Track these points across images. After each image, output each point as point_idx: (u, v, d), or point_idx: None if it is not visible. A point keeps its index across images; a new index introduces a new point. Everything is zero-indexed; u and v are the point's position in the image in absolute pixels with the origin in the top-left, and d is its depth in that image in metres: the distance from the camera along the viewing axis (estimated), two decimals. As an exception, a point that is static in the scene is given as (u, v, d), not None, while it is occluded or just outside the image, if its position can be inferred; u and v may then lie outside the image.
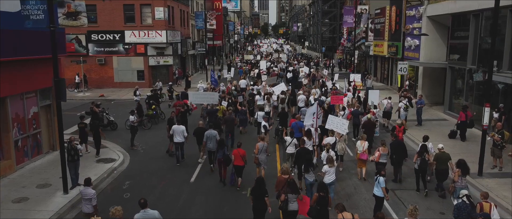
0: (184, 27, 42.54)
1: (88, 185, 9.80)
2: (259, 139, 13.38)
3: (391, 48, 32.60)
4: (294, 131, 15.30)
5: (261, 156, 12.98)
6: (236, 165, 12.65)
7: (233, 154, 12.60)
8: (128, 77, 35.69)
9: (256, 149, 13.01)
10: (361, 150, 13.43)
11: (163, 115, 23.24)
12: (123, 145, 18.33)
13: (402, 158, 13.11)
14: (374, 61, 39.95)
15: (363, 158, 13.45)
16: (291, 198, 9.47)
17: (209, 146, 14.28)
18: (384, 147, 13.03)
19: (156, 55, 35.69)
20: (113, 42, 35.09)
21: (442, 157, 12.04)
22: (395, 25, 31.91)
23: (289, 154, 13.98)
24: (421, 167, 12.26)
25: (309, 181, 11.28)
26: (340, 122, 14.26)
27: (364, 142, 13.49)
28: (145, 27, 34.77)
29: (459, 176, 10.75)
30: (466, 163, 11.01)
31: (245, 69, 43.23)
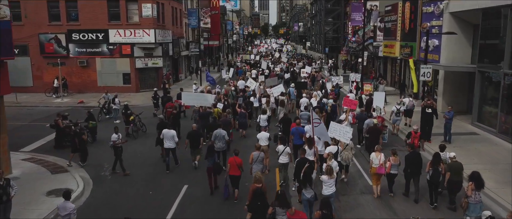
0: (176, 26, 39.20)
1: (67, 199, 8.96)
2: (255, 148, 12.26)
3: (404, 49, 29.25)
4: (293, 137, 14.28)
5: (256, 166, 11.94)
6: (231, 175, 11.69)
7: (229, 162, 11.74)
8: (113, 81, 32.35)
9: (251, 159, 12.02)
10: (377, 163, 11.96)
11: (145, 127, 19.91)
12: (91, 167, 15.04)
13: (418, 172, 11.82)
14: (383, 63, 36.58)
15: (380, 172, 11.99)
16: (279, 212, 8.71)
17: (218, 146, 13.85)
18: (395, 156, 12.01)
19: (144, 57, 32.35)
20: (96, 42, 31.76)
21: (454, 166, 11.03)
22: (410, 23, 28.55)
23: (282, 165, 12.86)
24: (433, 179, 11.21)
25: (306, 197, 10.15)
26: (343, 130, 12.88)
27: (379, 154, 12.06)
28: (132, 25, 31.45)
29: (473, 190, 9.76)
30: (480, 176, 9.94)
31: (245, 69, 40.99)
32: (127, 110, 19.14)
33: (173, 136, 14.23)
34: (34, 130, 20.48)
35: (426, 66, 18.57)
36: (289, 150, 12.83)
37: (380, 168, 11.92)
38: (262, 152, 12.28)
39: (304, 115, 17.57)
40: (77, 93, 31.88)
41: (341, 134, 12.82)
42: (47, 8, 31.51)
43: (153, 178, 13.99)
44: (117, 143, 14.09)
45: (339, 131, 12.91)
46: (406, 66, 30.64)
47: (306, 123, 16.03)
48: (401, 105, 19.59)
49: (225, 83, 31.26)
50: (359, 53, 42.72)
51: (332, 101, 20.68)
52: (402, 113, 19.60)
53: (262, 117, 17.71)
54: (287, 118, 17.35)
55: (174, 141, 14.25)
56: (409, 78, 30.16)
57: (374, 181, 12.39)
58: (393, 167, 12.03)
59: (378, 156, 12.06)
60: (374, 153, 12.22)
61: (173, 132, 14.40)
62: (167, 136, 14.23)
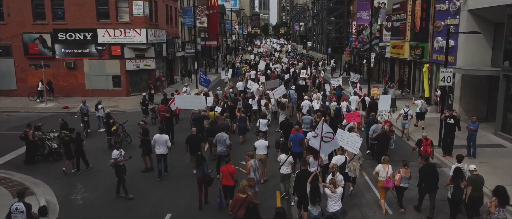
0: (171, 25, 37.10)
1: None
2: (248, 157, 11.30)
3: (415, 49, 27.13)
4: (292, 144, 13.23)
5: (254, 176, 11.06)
6: (224, 185, 10.96)
7: (221, 172, 11.02)
8: (102, 84, 30.25)
9: (247, 169, 11.11)
10: (384, 175, 10.97)
11: (129, 138, 17.82)
12: (62, 189, 12.98)
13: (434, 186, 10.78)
14: (390, 64, 34.45)
15: (388, 186, 10.99)
16: None
17: (219, 150, 13.51)
18: (406, 168, 11.02)
19: (135, 58, 30.24)
20: (84, 43, 29.65)
21: (475, 180, 10.15)
22: (421, 22, 26.44)
23: (284, 176, 11.82)
24: (455, 197, 10.22)
25: (313, 215, 9.47)
26: (352, 138, 11.43)
27: (387, 166, 11.07)
28: (122, 24, 29.34)
29: (496, 207, 8.93)
30: (505, 191, 9.03)
31: (244, 70, 39.42)
32: (109, 119, 17.04)
33: (166, 141, 13.40)
34: (7, 141, 18.33)
35: (446, 69, 16.41)
36: (292, 160, 11.91)
37: (388, 182, 10.95)
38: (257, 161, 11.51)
39: (306, 119, 16.63)
40: (64, 97, 29.82)
41: (349, 143, 11.48)
42: (32, 6, 29.44)
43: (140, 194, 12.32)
44: (119, 161, 11.99)
45: (346, 139, 11.57)
46: (416, 68, 28.59)
47: (308, 128, 15.36)
48: (409, 108, 18.54)
49: (225, 84, 29.51)
50: (363, 54, 40.71)
51: (335, 104, 19.80)
52: (410, 117, 18.51)
53: (262, 121, 16.73)
54: (288, 122, 16.29)
55: (167, 146, 13.43)
56: (419, 81, 28.10)
57: (382, 195, 11.38)
58: (404, 180, 11.02)
59: (386, 168, 11.06)
60: (381, 165, 11.19)
61: (166, 137, 13.52)
62: (159, 142, 13.35)
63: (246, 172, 11.20)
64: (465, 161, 14.24)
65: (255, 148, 12.98)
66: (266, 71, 38.63)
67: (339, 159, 11.48)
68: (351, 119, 16.73)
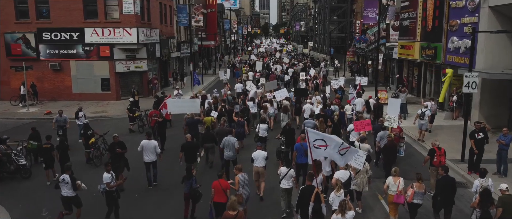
0: (165, 25, 35.08)
1: None
2: (237, 170, 10.33)
3: (426, 50, 25.11)
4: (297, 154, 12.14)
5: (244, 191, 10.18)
6: (216, 202, 9.85)
7: (213, 187, 9.87)
8: (90, 87, 28.24)
9: (237, 184, 10.16)
10: (394, 189, 10.06)
11: (111, 151, 15.79)
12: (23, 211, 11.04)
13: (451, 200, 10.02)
14: (398, 66, 32.41)
15: (399, 201, 10.04)
16: None
17: (227, 155, 12.87)
18: (420, 183, 9.99)
19: (125, 59, 28.23)
20: (70, 43, 27.63)
21: (508, 202, 9.12)
22: (433, 20, 24.42)
23: (285, 190, 10.77)
24: None
25: None
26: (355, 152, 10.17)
27: (398, 179, 10.10)
28: (111, 23, 27.33)
29: None
30: None
31: (244, 70, 38.02)
32: (88, 130, 15.03)
33: (155, 147, 12.47)
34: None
35: (471, 74, 14.38)
36: (294, 173, 10.78)
37: (399, 197, 9.97)
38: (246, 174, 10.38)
39: (308, 123, 15.57)
40: (49, 101, 27.83)
41: (353, 157, 10.15)
42: (14, 4, 27.44)
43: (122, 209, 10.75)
44: (112, 185, 10.10)
45: (349, 153, 10.04)
46: (427, 70, 26.56)
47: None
48: (428, 108, 17.71)
49: (223, 85, 27.79)
50: (368, 55, 38.71)
51: (338, 108, 18.77)
52: (428, 117, 17.66)
53: (261, 126, 15.56)
54: (289, 128, 14.97)
55: (156, 153, 12.52)
56: (431, 84, 26.08)
57: (392, 211, 10.34)
58: (417, 195, 9.91)
59: (397, 181, 10.03)
60: (392, 178, 10.12)
61: (155, 143, 12.56)
62: (147, 148, 12.40)
63: (235, 187, 10.14)
64: (495, 179, 12.45)
65: (253, 159, 11.73)
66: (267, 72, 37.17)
67: (342, 175, 10.24)
68: (360, 128, 14.98)
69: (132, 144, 15.86)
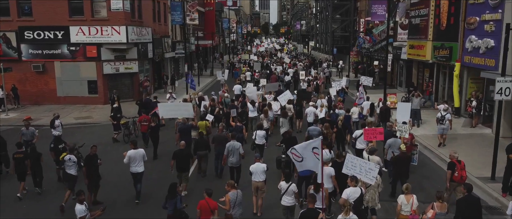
0: (159, 23, 33.08)
1: None
2: (228, 187, 9.34)
3: (440, 50, 23.08)
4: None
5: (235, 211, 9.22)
6: None
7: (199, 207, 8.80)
8: (76, 90, 26.22)
9: (227, 203, 9.09)
10: (408, 210, 8.92)
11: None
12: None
13: None
14: (406, 67, 30.40)
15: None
16: None
17: (231, 161, 12.23)
18: (441, 202, 8.72)
19: (114, 60, 26.21)
20: (55, 42, 25.60)
21: None
22: (448, 17, 22.40)
23: (286, 208, 9.86)
24: None
25: None
26: (366, 165, 9.25)
27: (411, 197, 9.00)
28: (98, 21, 25.32)
29: None
30: None
31: (245, 70, 36.55)
32: (59, 144, 13.00)
33: (143, 156, 11.51)
34: None
35: (504, 79, 12.33)
36: (295, 188, 9.79)
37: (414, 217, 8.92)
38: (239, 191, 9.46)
39: (313, 130, 14.33)
40: (32, 105, 25.84)
41: (363, 171, 9.24)
42: (-6, 0, 25.47)
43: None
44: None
45: (359, 167, 9.30)
46: (440, 72, 24.54)
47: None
48: (447, 111, 16.55)
49: (221, 86, 26.45)
50: (374, 55, 36.71)
51: (343, 112, 17.23)
52: (449, 121, 16.33)
53: (258, 133, 14.26)
54: (290, 137, 13.81)
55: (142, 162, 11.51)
56: (444, 87, 24.06)
57: None
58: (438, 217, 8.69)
59: (410, 199, 8.97)
60: (404, 196, 9.04)
61: (142, 152, 11.55)
62: (135, 158, 11.32)
63: (226, 207, 9.16)
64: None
65: (251, 173, 10.70)
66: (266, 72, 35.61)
67: (352, 193, 9.03)
68: (371, 136, 13.35)
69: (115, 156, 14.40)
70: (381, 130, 13.56)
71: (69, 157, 11.24)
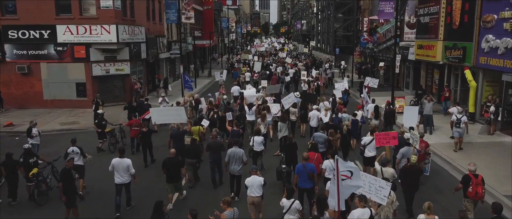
0: (153, 22, 31.54)
1: None
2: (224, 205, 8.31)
3: (452, 51, 21.52)
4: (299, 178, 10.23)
5: None
6: None
7: None
8: (64, 93, 24.67)
9: None
10: None
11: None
12: None
13: None
14: (414, 69, 28.85)
15: None
16: None
17: (234, 169, 11.30)
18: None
19: (104, 61, 24.66)
20: (41, 42, 24.06)
21: None
22: (461, 15, 20.84)
23: None
24: None
25: None
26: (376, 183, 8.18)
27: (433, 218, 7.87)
28: (87, 19, 23.79)
29: None
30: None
31: (244, 70, 35.17)
32: (30, 157, 11.44)
33: (129, 166, 10.70)
34: None
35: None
36: (299, 206, 8.81)
37: None
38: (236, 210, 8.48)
39: (319, 137, 13.28)
40: (17, 109, 24.30)
41: (372, 189, 8.34)
42: (-25, -2, 23.92)
43: None
44: None
45: (368, 184, 8.38)
46: (452, 74, 22.98)
47: (323, 148, 12.75)
48: (463, 114, 15.86)
49: (219, 87, 24.84)
50: (378, 55, 35.19)
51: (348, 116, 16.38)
52: (465, 124, 15.55)
53: (256, 139, 13.32)
54: (291, 143, 12.78)
55: (129, 173, 10.74)
56: (456, 90, 22.48)
57: None
58: None
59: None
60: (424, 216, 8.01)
61: (128, 162, 10.71)
62: (119, 167, 10.62)
63: None
64: None
65: (246, 186, 9.84)
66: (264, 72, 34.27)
67: (360, 215, 7.98)
68: (383, 141, 12.30)
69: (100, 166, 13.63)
70: (394, 134, 12.42)
71: (72, 149, 11.84)
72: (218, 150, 12.41)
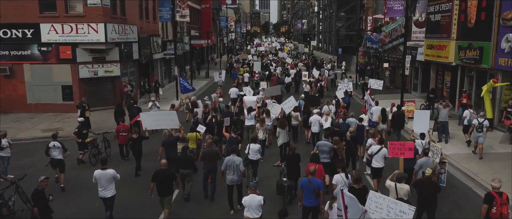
0: (147, 20, 29.89)
1: None
2: None
3: (467, 51, 19.88)
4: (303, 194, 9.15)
5: None
6: None
7: None
8: (49, 96, 23.01)
9: None
10: None
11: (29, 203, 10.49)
12: None
13: None
14: (422, 70, 27.22)
15: None
16: None
17: (232, 179, 10.50)
18: None
19: (92, 62, 23.03)
20: (23, 42, 22.39)
21: None
22: (478, 13, 19.20)
23: None
24: None
25: None
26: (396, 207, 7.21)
27: None
28: (73, 17, 22.14)
29: None
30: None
31: (243, 71, 33.70)
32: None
33: (113, 177, 9.82)
34: None
35: None
36: None
37: None
38: None
39: (323, 146, 12.12)
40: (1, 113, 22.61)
41: (391, 214, 7.22)
42: (-47, -6, 22.25)
43: None
44: None
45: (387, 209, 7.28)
46: (465, 76, 21.36)
47: (327, 158, 11.82)
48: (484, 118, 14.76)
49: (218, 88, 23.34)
50: (383, 56, 33.57)
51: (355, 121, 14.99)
52: (486, 128, 14.46)
53: (252, 147, 12.20)
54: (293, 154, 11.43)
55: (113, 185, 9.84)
56: (471, 94, 20.85)
57: None
58: None
59: None
60: None
61: (112, 173, 9.79)
62: (102, 179, 9.71)
63: None
64: None
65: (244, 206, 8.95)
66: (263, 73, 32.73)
67: None
68: (397, 152, 10.99)
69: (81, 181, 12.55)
70: (411, 146, 11.05)
71: (53, 143, 12.00)
72: (214, 159, 11.41)
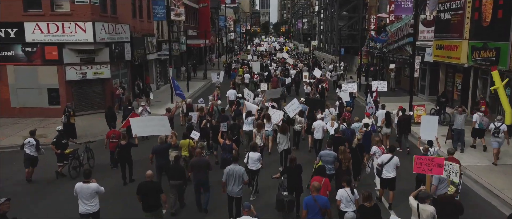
0: (140, 19, 28.50)
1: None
2: None
3: (482, 52, 18.47)
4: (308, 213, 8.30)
5: None
6: None
7: None
8: (34, 100, 21.63)
9: None
10: None
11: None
12: None
13: None
14: (431, 71, 25.82)
15: None
16: None
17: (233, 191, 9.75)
18: None
19: (80, 63, 21.63)
20: (6, 42, 21.01)
21: None
22: (494, 11, 17.79)
23: None
24: None
25: None
26: None
27: None
28: (59, 16, 20.75)
29: None
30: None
31: (242, 71, 32.80)
32: None
33: (96, 192, 8.82)
34: None
35: None
36: None
37: None
38: None
39: (327, 155, 11.17)
40: (-18, 118, 21.26)
41: None
42: None
43: None
44: None
45: None
46: (479, 78, 19.97)
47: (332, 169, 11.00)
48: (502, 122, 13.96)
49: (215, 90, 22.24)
50: (388, 56, 32.16)
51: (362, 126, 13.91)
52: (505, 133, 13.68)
53: (251, 155, 11.38)
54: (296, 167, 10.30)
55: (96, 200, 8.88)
56: (484, 97, 19.43)
57: None
58: None
59: None
60: None
61: (94, 187, 8.82)
62: (83, 194, 8.76)
63: None
64: None
65: None
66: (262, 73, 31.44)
67: None
68: (425, 168, 9.62)
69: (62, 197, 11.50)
70: (440, 162, 9.55)
71: (29, 140, 12.35)
72: (204, 170, 10.52)
